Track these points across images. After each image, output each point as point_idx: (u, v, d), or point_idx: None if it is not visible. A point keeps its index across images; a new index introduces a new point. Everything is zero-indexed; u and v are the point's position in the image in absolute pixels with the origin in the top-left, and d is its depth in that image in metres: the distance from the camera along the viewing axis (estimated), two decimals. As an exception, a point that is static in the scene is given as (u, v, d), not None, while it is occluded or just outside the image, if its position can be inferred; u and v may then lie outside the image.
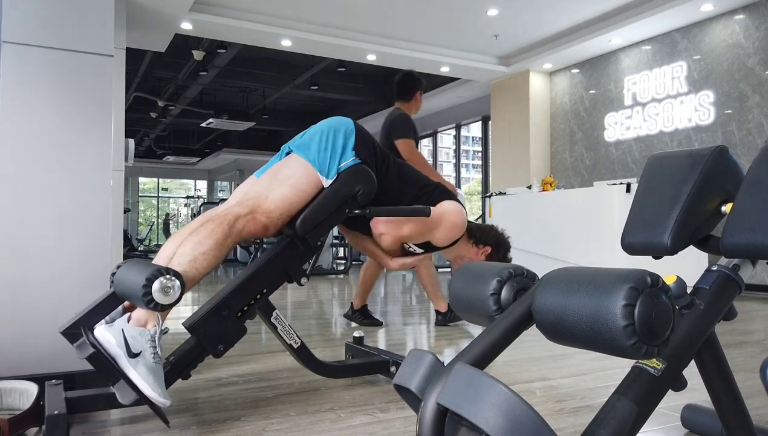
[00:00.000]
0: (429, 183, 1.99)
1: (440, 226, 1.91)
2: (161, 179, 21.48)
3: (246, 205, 1.66)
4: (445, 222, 1.91)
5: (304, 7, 6.44)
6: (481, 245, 2.10)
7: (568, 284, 0.88)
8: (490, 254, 2.11)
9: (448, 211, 1.92)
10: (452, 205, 1.94)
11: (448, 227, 1.92)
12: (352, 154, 1.78)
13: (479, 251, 2.10)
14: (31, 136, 1.86)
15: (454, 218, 1.92)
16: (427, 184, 1.98)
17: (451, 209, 1.93)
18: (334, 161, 1.75)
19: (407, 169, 1.99)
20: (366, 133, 1.87)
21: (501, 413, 0.71)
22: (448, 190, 2.00)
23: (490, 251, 2.11)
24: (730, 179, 1.17)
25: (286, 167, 1.76)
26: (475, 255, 2.09)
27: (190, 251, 1.53)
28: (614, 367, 2.28)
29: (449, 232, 1.94)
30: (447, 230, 1.93)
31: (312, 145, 1.76)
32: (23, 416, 1.48)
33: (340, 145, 1.77)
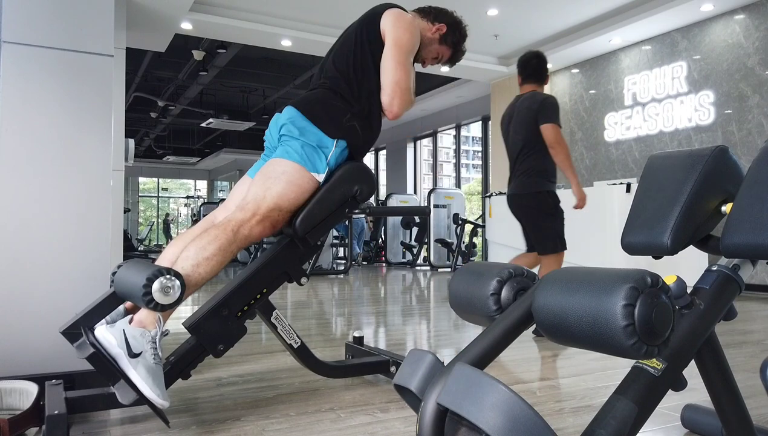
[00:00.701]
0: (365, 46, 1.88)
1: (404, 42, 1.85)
2: (161, 179, 21.49)
3: (247, 209, 1.65)
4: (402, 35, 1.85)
5: (304, 7, 6.44)
6: (436, 23, 2.04)
7: (568, 284, 0.88)
8: (445, 34, 2.04)
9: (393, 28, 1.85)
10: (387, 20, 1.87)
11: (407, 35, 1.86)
12: (330, 140, 1.75)
13: (434, 27, 2.03)
14: (31, 135, 1.86)
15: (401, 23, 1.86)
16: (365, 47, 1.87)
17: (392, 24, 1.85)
18: (319, 157, 1.73)
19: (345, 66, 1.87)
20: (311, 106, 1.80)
21: (501, 413, 0.71)
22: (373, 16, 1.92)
23: (445, 30, 2.04)
24: (730, 179, 1.17)
25: (278, 165, 1.73)
26: (430, 32, 2.02)
27: (194, 256, 1.53)
28: (614, 367, 2.28)
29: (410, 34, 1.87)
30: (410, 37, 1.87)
31: (290, 150, 1.73)
32: (23, 416, 1.48)
33: (313, 139, 1.74)
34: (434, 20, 2.04)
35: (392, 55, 1.83)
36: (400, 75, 1.83)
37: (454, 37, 2.07)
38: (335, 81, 1.85)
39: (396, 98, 1.83)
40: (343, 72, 1.86)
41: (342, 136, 1.77)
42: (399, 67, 1.83)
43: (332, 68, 1.89)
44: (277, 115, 1.83)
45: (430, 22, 2.04)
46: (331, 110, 1.80)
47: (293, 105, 1.81)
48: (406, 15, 1.92)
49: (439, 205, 9.42)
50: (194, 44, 8.39)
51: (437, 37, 2.04)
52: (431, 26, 2.03)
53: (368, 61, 1.86)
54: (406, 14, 1.93)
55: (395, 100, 1.83)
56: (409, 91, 1.88)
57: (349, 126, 1.79)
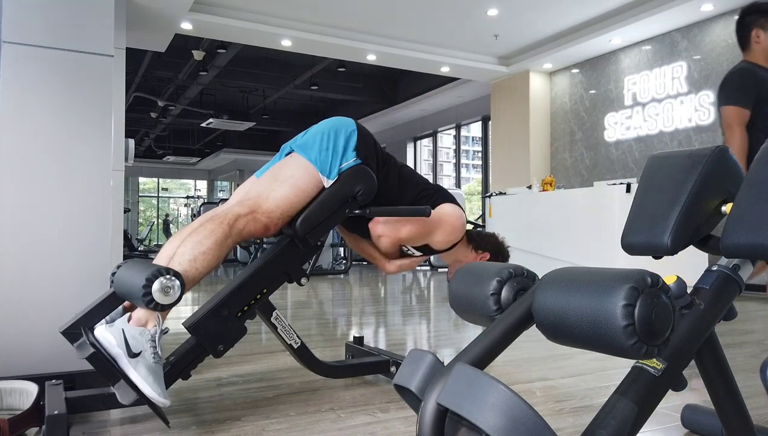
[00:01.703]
0: (429, 186, 1.98)
1: (439, 228, 1.90)
2: (161, 179, 21.49)
3: (246, 205, 1.66)
4: (444, 225, 1.91)
5: (304, 7, 6.44)
6: (480, 251, 2.09)
7: (568, 284, 0.88)
8: (489, 260, 2.09)
9: (447, 213, 1.91)
10: (451, 208, 1.94)
11: (447, 229, 1.92)
12: (354, 154, 1.78)
13: (478, 256, 2.08)
14: (31, 136, 1.86)
15: (453, 220, 1.92)
16: (427, 187, 1.97)
17: (450, 212, 1.92)
18: (335, 162, 1.75)
19: (407, 171, 1.98)
20: (367, 133, 1.86)
21: (501, 413, 0.71)
22: (447, 193, 2.00)
23: (489, 257, 2.09)
24: (730, 179, 1.17)
25: (287, 167, 1.76)
26: (474, 260, 2.07)
27: (190, 251, 1.53)
28: (614, 367, 2.28)
29: (448, 235, 1.93)
30: (446, 233, 1.92)
31: (313, 145, 1.76)
32: (23, 416, 1.48)
33: (341, 146, 1.77)
34: (477, 248, 2.09)
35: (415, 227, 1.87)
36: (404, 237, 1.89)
37: (498, 260, 2.12)
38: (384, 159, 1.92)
39: (384, 241, 1.90)
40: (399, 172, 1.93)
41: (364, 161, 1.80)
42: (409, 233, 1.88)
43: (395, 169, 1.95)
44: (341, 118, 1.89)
45: (473, 251, 2.09)
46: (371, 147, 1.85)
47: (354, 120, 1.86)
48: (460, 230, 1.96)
49: (439, 205, 9.40)
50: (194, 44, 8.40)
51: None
52: (475, 255, 2.08)
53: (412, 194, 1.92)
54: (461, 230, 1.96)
55: (384, 240, 1.90)
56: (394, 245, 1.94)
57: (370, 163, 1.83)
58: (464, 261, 2.07)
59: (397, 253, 2.00)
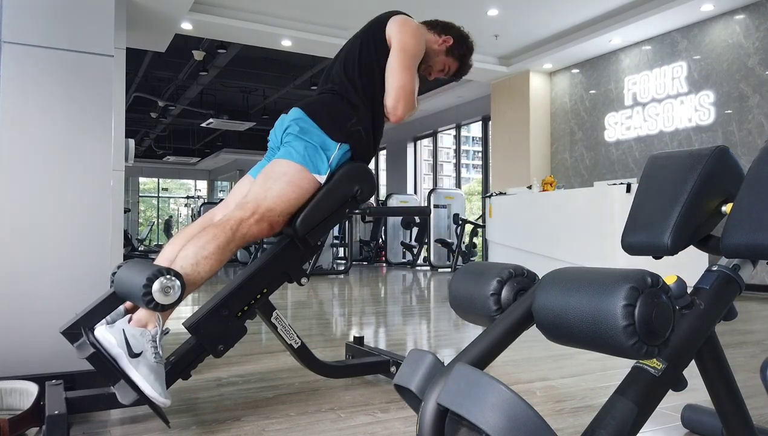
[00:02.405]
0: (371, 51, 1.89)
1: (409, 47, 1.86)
2: (161, 179, 21.48)
3: (247, 208, 1.65)
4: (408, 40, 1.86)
5: (304, 7, 6.44)
6: (444, 35, 2.05)
7: (568, 284, 0.88)
8: (452, 47, 2.05)
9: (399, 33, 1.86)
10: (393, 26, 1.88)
11: (412, 41, 1.87)
12: (334, 142, 1.76)
13: (441, 39, 2.04)
14: (31, 136, 1.86)
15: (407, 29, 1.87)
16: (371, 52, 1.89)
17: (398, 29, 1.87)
18: (321, 159, 1.74)
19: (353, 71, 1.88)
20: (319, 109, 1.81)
21: (501, 413, 0.71)
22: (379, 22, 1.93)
23: (452, 42, 2.05)
24: (731, 179, 1.17)
25: (279, 165, 1.74)
26: (437, 44, 2.02)
27: (193, 255, 1.53)
28: (614, 367, 2.28)
29: (415, 40, 1.89)
30: (415, 43, 1.88)
31: (293, 151, 1.73)
32: (23, 416, 1.48)
33: (317, 143, 1.74)
34: (441, 32, 2.05)
35: (398, 59, 1.84)
36: (405, 79, 1.84)
37: (461, 50, 2.08)
38: (342, 86, 1.86)
39: (401, 102, 1.84)
40: (349, 77, 1.86)
41: (345, 140, 1.78)
42: (404, 71, 1.84)
43: (339, 73, 1.90)
44: (283, 116, 1.85)
45: (437, 35, 2.04)
46: (336, 114, 1.80)
47: (299, 106, 1.82)
48: (412, 21, 1.93)
49: (439, 206, 9.42)
50: (194, 44, 8.39)
51: (443, 49, 2.05)
52: (438, 38, 2.04)
53: (374, 66, 1.87)
54: (412, 21, 1.94)
55: (400, 103, 1.84)
56: (413, 95, 1.88)
57: (353, 130, 1.80)
58: (430, 49, 2.01)
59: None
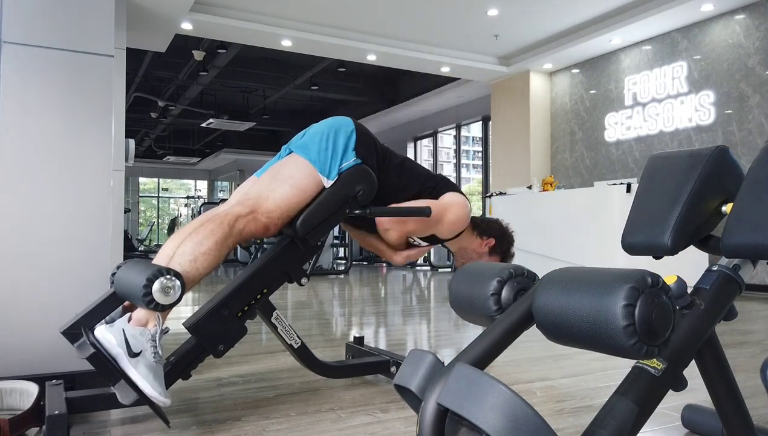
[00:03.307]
0: (431, 176, 1.99)
1: (444, 218, 1.91)
2: (161, 179, 21.48)
3: (246, 205, 1.66)
4: (449, 214, 1.91)
5: (304, 7, 6.44)
6: (485, 237, 2.09)
7: (568, 284, 0.88)
8: (494, 247, 2.10)
9: (452, 203, 1.92)
10: (456, 196, 1.94)
11: (452, 219, 1.92)
12: (353, 154, 1.78)
13: (483, 242, 2.08)
14: (31, 136, 1.86)
15: (458, 209, 1.93)
16: (430, 178, 1.97)
17: (454, 201, 1.93)
18: (335, 162, 1.75)
19: (409, 164, 1.98)
20: (366, 131, 1.87)
21: (501, 413, 0.71)
22: (450, 182, 2.00)
23: (494, 243, 2.10)
24: (731, 179, 1.17)
25: (287, 167, 1.76)
26: (479, 247, 2.08)
27: (191, 251, 1.53)
28: (614, 367, 2.28)
29: (453, 224, 1.94)
30: (451, 223, 1.93)
31: (312, 145, 1.76)
32: (24, 416, 1.48)
33: (341, 146, 1.77)
34: (482, 234, 2.10)
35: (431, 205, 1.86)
36: (411, 229, 1.91)
37: (503, 247, 2.13)
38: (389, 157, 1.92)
39: (391, 235, 1.91)
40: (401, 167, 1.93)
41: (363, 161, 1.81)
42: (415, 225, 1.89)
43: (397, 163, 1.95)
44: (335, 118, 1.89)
45: (478, 236, 2.09)
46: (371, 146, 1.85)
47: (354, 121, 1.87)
48: (466, 217, 1.97)
49: (439, 206, 9.39)
50: (194, 44, 8.40)
51: (486, 251, 2.10)
52: (480, 241, 2.09)
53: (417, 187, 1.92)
54: (467, 216, 1.97)
55: (391, 233, 1.91)
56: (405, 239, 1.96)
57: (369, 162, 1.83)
58: (469, 248, 2.08)
59: (404, 244, 2.01)
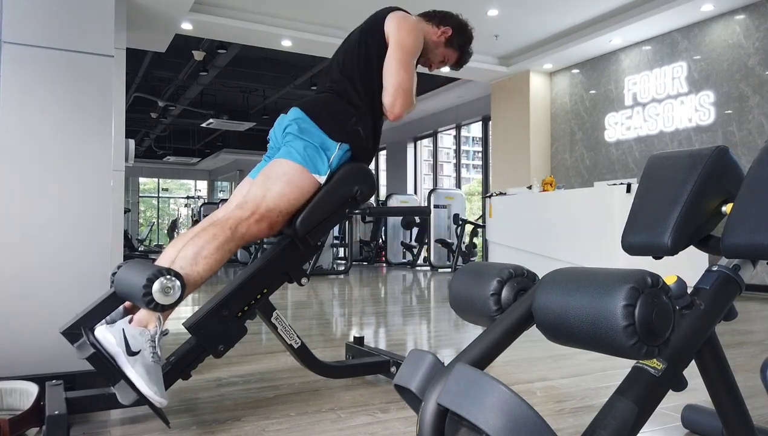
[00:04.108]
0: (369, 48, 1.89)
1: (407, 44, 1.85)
2: (161, 180, 21.49)
3: (246, 207, 1.65)
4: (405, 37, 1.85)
5: (304, 7, 6.44)
6: (441, 26, 2.03)
7: (568, 284, 0.88)
8: (450, 37, 2.03)
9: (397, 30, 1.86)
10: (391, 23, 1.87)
11: (410, 38, 1.86)
12: (333, 143, 1.76)
13: (439, 30, 2.02)
14: (31, 136, 1.86)
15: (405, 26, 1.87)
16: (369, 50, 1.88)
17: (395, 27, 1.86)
18: (321, 159, 1.74)
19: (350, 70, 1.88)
20: (314, 107, 1.81)
21: (501, 413, 0.71)
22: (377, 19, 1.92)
23: (451, 33, 2.03)
24: (731, 179, 1.17)
25: (279, 166, 1.74)
26: (435, 35, 2.01)
27: (192, 254, 1.53)
28: (614, 367, 2.28)
29: (413, 36, 1.88)
30: (413, 39, 1.88)
31: (293, 150, 1.73)
32: (24, 416, 1.48)
33: (317, 143, 1.74)
34: (439, 23, 2.03)
35: (395, 56, 1.84)
36: (402, 76, 1.84)
37: (460, 39, 2.07)
38: (341, 84, 1.86)
39: (398, 99, 1.84)
40: (348, 76, 1.86)
41: (345, 140, 1.78)
42: (402, 69, 1.83)
43: (338, 72, 1.89)
44: (282, 116, 1.85)
45: (435, 26, 2.03)
46: (336, 114, 1.81)
47: (299, 106, 1.82)
48: (409, 17, 1.93)
49: (439, 206, 9.42)
50: (194, 44, 8.39)
51: (443, 41, 2.03)
52: (436, 30, 2.02)
53: (373, 64, 1.86)
54: (409, 17, 1.94)
55: (397, 101, 1.84)
56: (411, 93, 1.88)
57: (353, 130, 1.80)
58: (430, 40, 2.00)
59: None
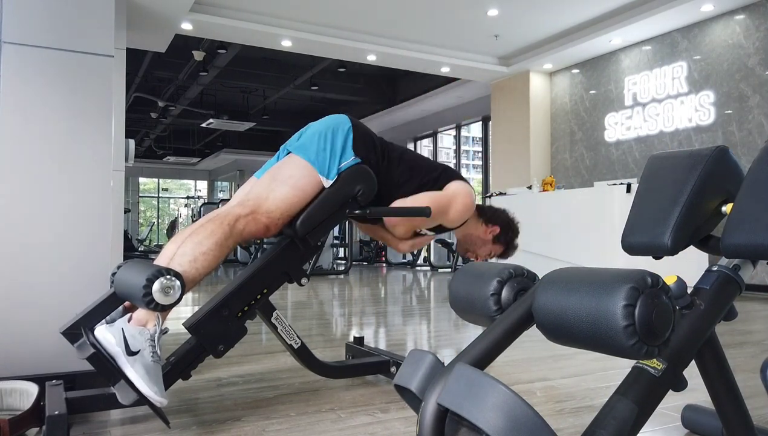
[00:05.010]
0: (434, 167, 1.98)
1: (451, 208, 1.91)
2: (161, 180, 21.48)
3: (247, 205, 1.66)
4: (455, 204, 1.91)
5: (304, 7, 6.44)
6: (490, 225, 2.09)
7: (568, 284, 0.88)
8: (498, 235, 2.10)
9: (457, 193, 1.92)
10: (460, 185, 1.94)
11: (458, 209, 1.92)
12: (352, 153, 1.78)
13: (488, 229, 2.09)
14: (31, 136, 1.86)
15: (463, 199, 1.93)
16: (432, 168, 1.97)
17: (459, 191, 1.93)
18: (334, 161, 1.75)
19: (410, 156, 1.97)
20: (363, 129, 1.86)
21: (501, 413, 0.71)
22: (453, 171, 1.99)
23: (499, 231, 2.10)
24: (731, 179, 1.17)
25: (286, 167, 1.76)
26: (483, 234, 2.09)
27: (191, 251, 1.53)
28: (614, 367, 2.28)
29: (460, 214, 1.94)
30: (458, 213, 1.93)
31: (311, 146, 1.76)
32: (24, 417, 1.48)
33: (339, 145, 1.77)
34: (488, 222, 2.10)
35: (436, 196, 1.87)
36: (419, 223, 1.92)
37: (507, 236, 2.14)
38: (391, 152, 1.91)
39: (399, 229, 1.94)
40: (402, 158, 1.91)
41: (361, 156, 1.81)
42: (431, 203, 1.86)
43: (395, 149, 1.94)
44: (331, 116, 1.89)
45: (484, 224, 2.10)
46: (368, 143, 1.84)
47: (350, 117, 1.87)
48: (472, 204, 1.97)
49: (439, 206, 9.40)
50: (194, 44, 8.40)
51: (490, 238, 2.11)
52: (485, 228, 2.10)
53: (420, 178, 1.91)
54: (473, 203, 1.98)
55: (399, 229, 1.93)
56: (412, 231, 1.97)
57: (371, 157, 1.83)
58: (474, 235, 2.08)
59: (411, 234, 2.01)
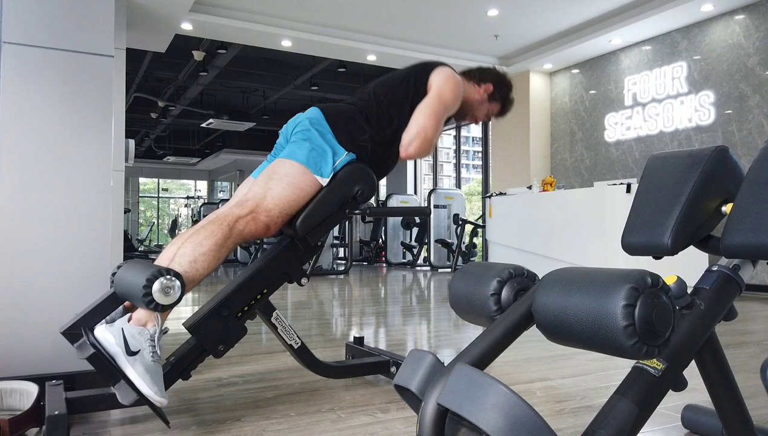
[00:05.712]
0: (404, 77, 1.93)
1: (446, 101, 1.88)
2: (161, 180, 21.48)
3: (245, 206, 1.66)
4: (447, 94, 1.88)
5: (304, 7, 6.44)
6: (483, 84, 2.08)
7: (568, 284, 0.88)
8: (493, 92, 2.09)
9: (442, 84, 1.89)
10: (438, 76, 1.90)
11: (451, 97, 1.89)
12: (342, 149, 1.78)
13: (481, 89, 2.07)
14: (31, 136, 1.86)
15: (449, 84, 1.90)
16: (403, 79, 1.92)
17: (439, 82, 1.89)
18: (326, 160, 1.75)
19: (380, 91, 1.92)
20: (336, 114, 1.84)
21: (501, 413, 0.71)
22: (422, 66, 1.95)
23: (492, 88, 2.09)
24: (731, 179, 1.17)
25: (282, 166, 1.75)
26: (478, 94, 2.07)
27: (191, 252, 1.53)
28: (614, 367, 2.28)
29: (454, 99, 1.92)
30: (453, 100, 1.91)
31: (298, 151, 1.75)
32: (23, 417, 1.48)
33: (327, 146, 1.76)
34: (479, 81, 2.09)
35: (431, 104, 1.85)
36: (429, 123, 1.83)
37: (501, 91, 2.12)
38: (367, 104, 1.90)
39: (417, 141, 1.82)
40: (378, 99, 1.90)
41: (353, 150, 1.80)
42: (432, 117, 1.84)
43: (370, 93, 1.93)
44: (300, 114, 1.87)
45: (476, 84, 2.08)
46: (350, 124, 1.84)
47: (319, 107, 1.85)
48: (457, 77, 1.96)
49: (439, 206, 9.42)
50: (194, 45, 8.39)
51: (486, 97, 2.09)
52: (478, 88, 2.08)
53: (406, 101, 1.89)
54: (456, 76, 1.96)
55: (415, 141, 1.82)
56: (431, 142, 1.87)
57: (362, 145, 1.82)
58: (469, 99, 2.05)
59: None
